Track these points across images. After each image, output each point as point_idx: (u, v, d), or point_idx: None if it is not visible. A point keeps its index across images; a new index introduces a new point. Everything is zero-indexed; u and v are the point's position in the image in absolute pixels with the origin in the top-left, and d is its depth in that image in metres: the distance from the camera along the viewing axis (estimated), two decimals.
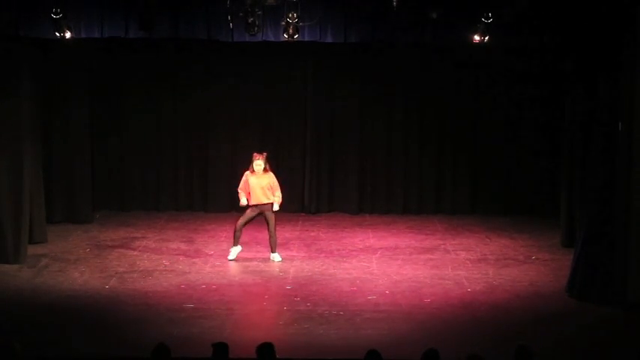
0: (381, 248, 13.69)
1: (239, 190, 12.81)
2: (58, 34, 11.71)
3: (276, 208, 12.73)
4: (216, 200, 16.03)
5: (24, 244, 12.78)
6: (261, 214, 12.75)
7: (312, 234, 14.56)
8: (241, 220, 12.80)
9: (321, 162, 16.06)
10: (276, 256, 12.89)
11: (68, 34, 11.77)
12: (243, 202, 12.76)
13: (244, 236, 14.24)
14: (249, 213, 12.78)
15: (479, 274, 12.34)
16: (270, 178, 12.74)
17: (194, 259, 12.94)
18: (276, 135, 15.89)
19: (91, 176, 15.33)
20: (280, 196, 12.77)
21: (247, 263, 12.80)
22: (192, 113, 15.94)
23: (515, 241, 14.15)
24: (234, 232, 12.87)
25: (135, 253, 13.26)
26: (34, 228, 13.40)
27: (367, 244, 14.00)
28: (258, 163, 12.69)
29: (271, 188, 12.69)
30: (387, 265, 12.75)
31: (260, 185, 12.67)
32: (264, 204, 12.69)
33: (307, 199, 15.87)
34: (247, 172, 12.78)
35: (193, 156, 16.09)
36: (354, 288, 11.68)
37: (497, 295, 11.46)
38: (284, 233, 14.00)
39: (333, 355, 9.33)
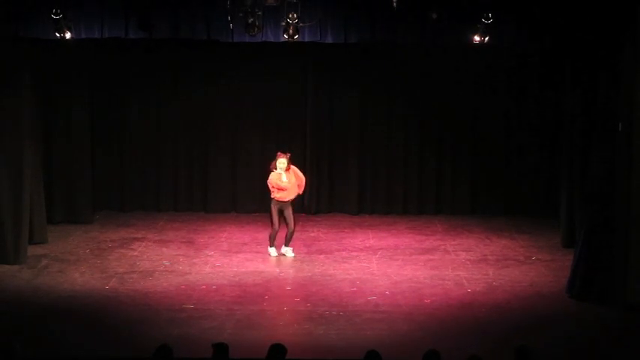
0: (381, 249, 13.69)
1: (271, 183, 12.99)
2: (58, 34, 11.71)
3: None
4: (217, 200, 16.03)
5: (24, 245, 12.77)
6: (283, 210, 12.95)
7: (312, 234, 14.55)
8: (276, 223, 12.96)
9: (321, 162, 16.05)
10: (288, 251, 13.12)
11: (68, 34, 11.78)
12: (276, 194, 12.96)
13: (244, 236, 14.29)
14: (277, 211, 12.93)
15: (479, 274, 12.34)
16: (295, 174, 13.00)
17: (194, 260, 12.94)
18: (276, 135, 15.86)
19: (91, 176, 15.32)
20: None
21: (247, 263, 12.80)
22: (192, 113, 15.94)
23: (515, 242, 14.15)
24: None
25: (135, 253, 13.26)
26: (34, 228, 13.40)
27: (367, 244, 13.99)
28: (282, 161, 12.89)
29: (298, 184, 13.02)
30: (387, 266, 12.75)
31: (289, 183, 12.90)
32: (288, 201, 12.95)
33: (307, 200, 15.85)
34: (274, 172, 12.92)
35: (193, 156, 16.09)
36: (354, 288, 11.68)
37: (497, 295, 11.46)
38: (284, 233, 13.97)
39: (333, 355, 9.34)
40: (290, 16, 11.52)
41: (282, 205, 12.91)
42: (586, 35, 11.41)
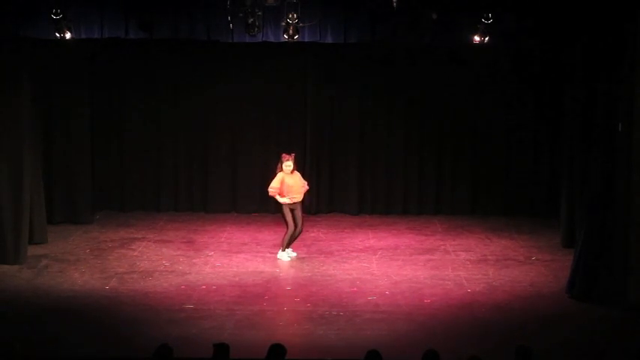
0: (381, 249, 13.69)
1: (273, 189, 12.80)
2: (58, 34, 11.71)
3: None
4: (217, 200, 16.03)
5: (24, 245, 12.77)
6: (294, 210, 12.90)
7: (312, 235, 14.54)
8: (292, 222, 12.86)
9: (321, 162, 16.05)
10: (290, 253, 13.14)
11: (68, 35, 11.78)
12: (286, 200, 12.81)
13: (244, 236, 14.29)
14: (290, 213, 12.87)
15: (479, 274, 12.34)
16: (300, 178, 13.01)
17: (194, 260, 12.94)
18: (276, 135, 15.86)
19: (91, 176, 15.32)
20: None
21: (247, 263, 12.80)
22: (192, 113, 15.93)
23: (515, 242, 14.15)
24: (294, 236, 12.96)
25: (135, 253, 13.26)
26: (34, 229, 13.40)
27: (367, 244, 13.99)
28: (288, 164, 12.83)
29: (303, 186, 13.01)
30: (387, 266, 12.75)
31: (295, 184, 12.87)
32: (298, 202, 12.93)
33: (307, 200, 15.80)
34: (281, 173, 12.83)
35: (193, 156, 16.08)
36: (354, 289, 11.68)
37: (497, 295, 11.46)
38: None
39: (333, 355, 9.34)
40: (290, 16, 11.51)
41: (292, 205, 12.90)
42: (586, 36, 11.40)
